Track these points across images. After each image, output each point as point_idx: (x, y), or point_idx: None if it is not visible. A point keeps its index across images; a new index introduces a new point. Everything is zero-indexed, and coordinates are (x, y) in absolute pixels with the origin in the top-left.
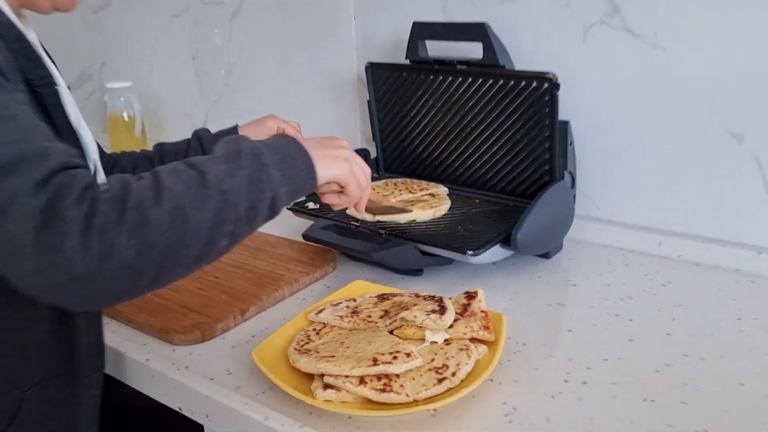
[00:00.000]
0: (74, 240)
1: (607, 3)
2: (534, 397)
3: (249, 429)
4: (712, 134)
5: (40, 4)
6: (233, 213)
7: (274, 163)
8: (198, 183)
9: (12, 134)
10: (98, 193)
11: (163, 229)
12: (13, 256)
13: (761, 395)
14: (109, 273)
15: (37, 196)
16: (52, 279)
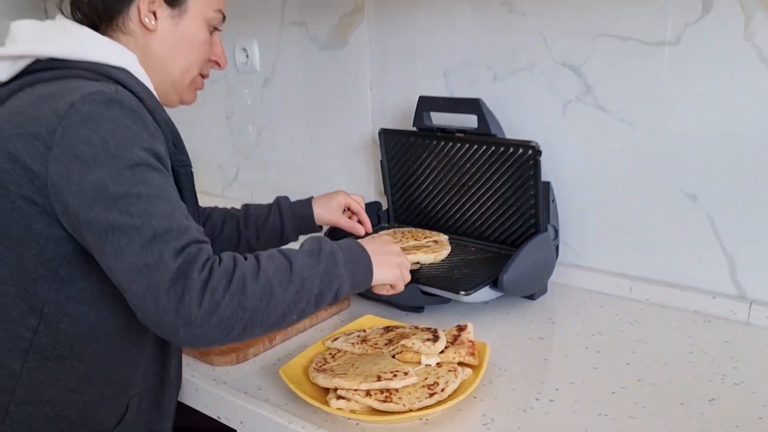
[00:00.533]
0: (194, 296)
1: (581, 83)
2: (509, 411)
3: (278, 430)
4: (671, 195)
5: (170, 100)
6: (306, 295)
7: (344, 262)
8: (285, 269)
9: (164, 211)
10: (215, 264)
11: (255, 298)
12: (149, 299)
13: (697, 412)
14: (210, 324)
15: (175, 260)
16: (171, 320)
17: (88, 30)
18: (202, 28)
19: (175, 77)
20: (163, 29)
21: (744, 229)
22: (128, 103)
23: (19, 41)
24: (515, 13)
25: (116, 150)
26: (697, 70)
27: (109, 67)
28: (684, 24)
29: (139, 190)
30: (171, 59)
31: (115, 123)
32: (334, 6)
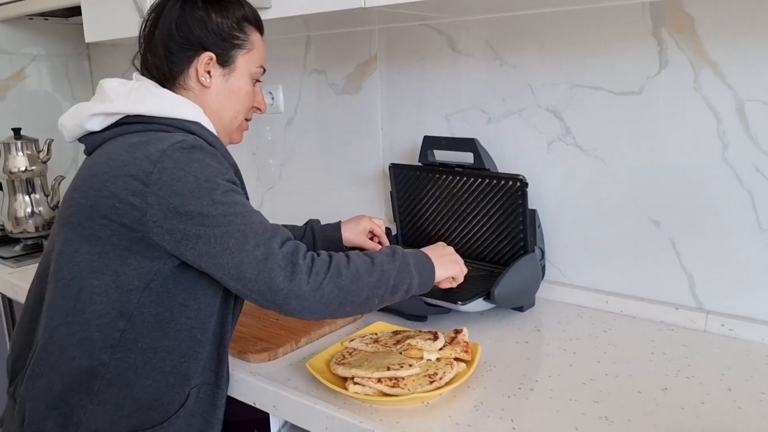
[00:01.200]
0: (302, 277)
1: (562, 126)
2: (495, 397)
3: (303, 412)
4: (638, 221)
5: (227, 141)
6: (385, 284)
7: (414, 264)
8: (369, 262)
9: (257, 219)
10: (315, 256)
11: (348, 281)
12: (262, 282)
13: (651, 398)
14: (315, 297)
15: (281, 251)
16: (284, 296)
17: (168, 92)
18: (247, 82)
19: (226, 123)
20: (216, 85)
21: (700, 250)
22: (206, 147)
23: (115, 101)
24: (506, 66)
25: (207, 183)
26: (657, 115)
27: (186, 121)
28: (645, 77)
29: (234, 210)
30: (223, 109)
31: (200, 163)
32: (350, 57)
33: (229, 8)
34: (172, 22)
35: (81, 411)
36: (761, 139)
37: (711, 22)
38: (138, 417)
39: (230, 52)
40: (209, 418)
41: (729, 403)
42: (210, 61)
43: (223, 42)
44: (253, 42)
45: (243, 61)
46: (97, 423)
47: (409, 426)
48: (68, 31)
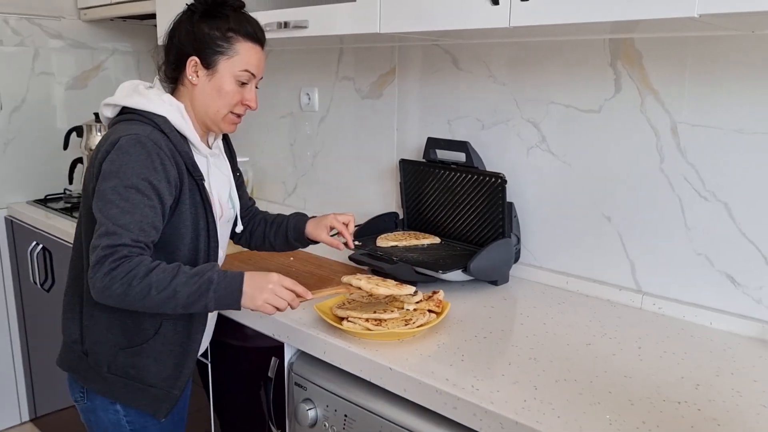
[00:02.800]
0: (99, 276)
1: (539, 135)
2: (455, 340)
3: (308, 340)
4: (594, 216)
5: (214, 129)
6: (175, 302)
7: (214, 290)
8: (166, 281)
9: (123, 221)
10: (124, 262)
11: (135, 292)
12: (89, 269)
13: (574, 350)
14: (102, 295)
15: (103, 250)
16: (90, 283)
17: (150, 91)
18: (229, 83)
19: (210, 115)
20: (201, 84)
21: (641, 242)
22: (148, 144)
23: (116, 95)
24: (497, 83)
25: (123, 174)
26: (611, 130)
27: (154, 114)
28: (604, 99)
29: (119, 203)
30: (207, 104)
31: (131, 157)
32: (374, 68)
33: (218, 21)
34: (174, 33)
35: (86, 328)
36: (689, 154)
37: (654, 58)
38: (124, 336)
39: (212, 57)
40: (186, 348)
41: (635, 357)
42: (195, 63)
43: (207, 49)
44: (237, 50)
45: (225, 65)
46: (96, 337)
47: (386, 354)
48: (141, 31)
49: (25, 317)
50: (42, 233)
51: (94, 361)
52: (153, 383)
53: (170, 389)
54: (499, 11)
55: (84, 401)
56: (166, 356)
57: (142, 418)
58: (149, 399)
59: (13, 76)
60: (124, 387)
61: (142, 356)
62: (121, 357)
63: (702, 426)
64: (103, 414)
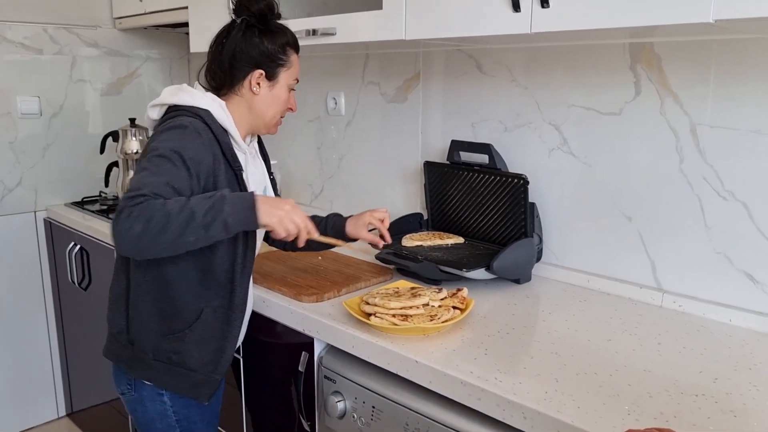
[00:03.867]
0: (121, 219)
1: (560, 137)
2: (478, 335)
3: (337, 335)
4: (614, 216)
5: (261, 132)
6: (194, 222)
7: (229, 202)
8: (182, 204)
9: (149, 180)
10: (140, 203)
11: (155, 224)
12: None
13: (596, 345)
14: (126, 235)
15: (126, 201)
16: (112, 235)
17: (197, 91)
18: (285, 92)
19: (266, 121)
20: (263, 93)
21: (661, 242)
22: (189, 127)
23: (163, 96)
24: (519, 87)
25: (159, 149)
26: (632, 132)
27: (199, 108)
28: (624, 101)
29: (149, 167)
30: (266, 110)
31: (171, 135)
32: (399, 73)
33: (277, 36)
34: (236, 45)
35: (131, 318)
36: (708, 154)
37: (673, 61)
38: (165, 324)
39: (276, 70)
40: (225, 334)
41: (654, 352)
42: (260, 76)
43: (271, 63)
44: (292, 61)
45: (284, 76)
46: (140, 326)
47: (412, 348)
48: (174, 39)
49: (62, 315)
50: (79, 234)
51: (139, 349)
52: (195, 368)
53: (211, 374)
54: (520, 17)
55: (131, 392)
56: (207, 342)
57: (186, 409)
58: (191, 383)
59: (51, 83)
60: (168, 372)
61: (183, 342)
62: (164, 343)
63: (718, 417)
64: (150, 404)
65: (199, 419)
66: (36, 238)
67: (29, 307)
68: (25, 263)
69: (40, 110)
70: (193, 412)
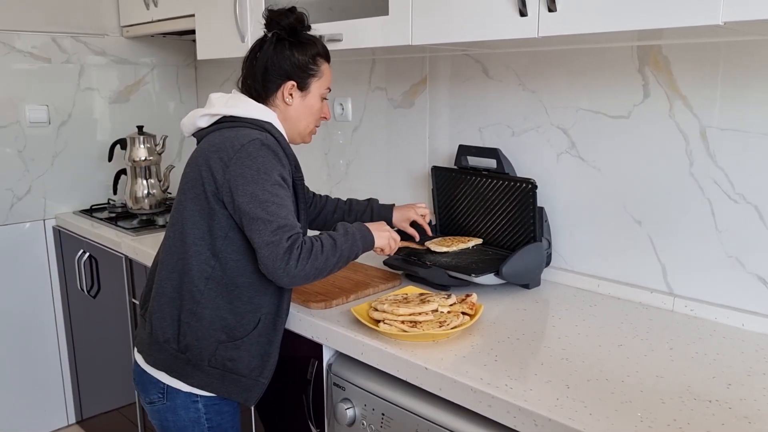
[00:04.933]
0: (293, 263)
1: (569, 141)
2: (488, 341)
3: (346, 342)
4: (624, 220)
5: (296, 142)
6: (343, 259)
7: (360, 238)
8: (333, 246)
9: (284, 213)
10: (304, 245)
11: (320, 262)
12: (270, 261)
13: (606, 350)
14: (299, 276)
15: (287, 242)
16: (281, 273)
17: (252, 101)
18: (318, 101)
19: (300, 130)
20: (296, 104)
21: (672, 246)
22: (271, 145)
23: (216, 106)
24: (527, 91)
25: (264, 175)
26: (641, 135)
27: (262, 121)
28: (633, 105)
29: (274, 199)
30: (299, 120)
31: (264, 159)
32: (406, 77)
33: (307, 48)
34: (268, 58)
35: (186, 325)
36: (718, 158)
37: (682, 64)
38: (225, 332)
39: (307, 80)
40: (271, 339)
41: (666, 358)
42: (293, 87)
43: (302, 73)
44: (323, 71)
45: (316, 86)
46: (198, 333)
47: (421, 355)
48: (180, 46)
49: (72, 323)
50: (88, 242)
51: (194, 356)
52: (245, 374)
53: (258, 378)
54: (527, 22)
55: (163, 401)
56: (255, 348)
57: (219, 416)
58: (241, 388)
59: (60, 92)
60: (221, 378)
61: (240, 349)
62: (221, 351)
63: (733, 424)
64: (183, 412)
65: (230, 426)
66: (45, 246)
67: (39, 314)
68: (34, 271)
69: (49, 119)
70: (226, 420)
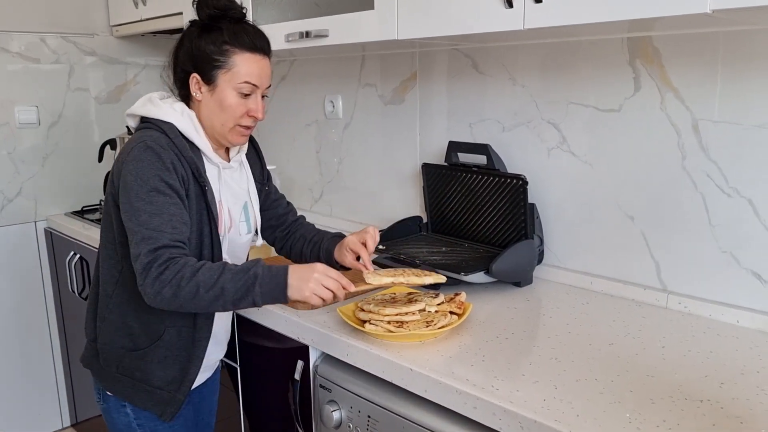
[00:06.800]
0: (149, 281)
1: (560, 136)
2: (476, 341)
3: (331, 343)
4: (616, 215)
5: (223, 141)
6: (223, 300)
7: (260, 284)
8: (213, 280)
9: (155, 224)
10: (171, 264)
11: (185, 293)
12: (137, 277)
13: (596, 349)
14: (155, 300)
15: (146, 257)
16: (142, 290)
17: (163, 101)
18: (230, 96)
19: (217, 128)
20: (205, 99)
21: (665, 241)
22: (156, 148)
23: (134, 106)
24: (517, 85)
25: (140, 181)
26: (632, 129)
27: (162, 121)
28: (624, 98)
29: (147, 208)
30: (212, 117)
31: (144, 163)
32: (396, 74)
33: (211, 36)
34: (177, 51)
35: (99, 328)
36: (711, 151)
37: (673, 55)
38: (130, 339)
39: (211, 72)
40: (190, 354)
41: (658, 356)
42: (197, 80)
43: (205, 65)
44: (234, 62)
45: (224, 78)
46: (106, 338)
47: (408, 355)
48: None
49: (65, 325)
50: (79, 243)
51: (105, 360)
52: (159, 386)
53: (175, 393)
54: (513, 14)
55: (101, 402)
56: (171, 361)
57: (152, 422)
58: (155, 401)
59: (50, 92)
60: (132, 387)
61: (145, 360)
62: (128, 359)
63: (724, 424)
64: (116, 416)
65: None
66: (37, 248)
67: (32, 317)
68: (26, 273)
69: (39, 120)
70: (161, 427)
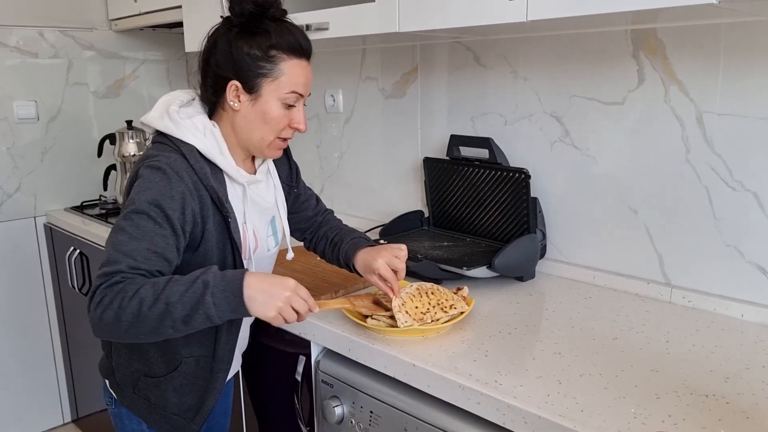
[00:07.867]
0: (92, 306)
1: (562, 129)
2: (479, 336)
3: (333, 338)
4: (620, 210)
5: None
6: (171, 316)
7: (212, 293)
8: (155, 295)
9: (127, 248)
10: (114, 287)
11: (128, 314)
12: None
13: (600, 344)
14: (98, 326)
15: (99, 278)
16: (90, 322)
17: (181, 113)
18: (275, 107)
19: (255, 142)
20: (244, 109)
21: (669, 235)
22: (169, 172)
23: (151, 116)
24: (519, 78)
25: (135, 201)
26: (635, 122)
27: (182, 142)
28: (627, 90)
29: (129, 230)
30: (251, 130)
31: (148, 183)
32: (397, 67)
33: (256, 39)
34: (210, 54)
35: (111, 355)
36: (715, 143)
37: (677, 47)
38: (146, 364)
39: (255, 81)
40: (208, 384)
41: (662, 351)
42: (237, 88)
43: (248, 71)
44: (282, 70)
45: (269, 88)
46: (123, 358)
47: (410, 351)
48: (171, 40)
49: (65, 321)
50: (79, 239)
51: (120, 379)
52: (175, 412)
53: (190, 422)
54: (516, 6)
55: (113, 407)
56: (188, 389)
57: None
58: (170, 426)
59: (49, 87)
60: (148, 409)
61: (160, 387)
62: (143, 383)
63: (729, 419)
64: (128, 422)
65: None
66: (37, 243)
67: (32, 313)
68: (26, 269)
69: (37, 115)
70: None
